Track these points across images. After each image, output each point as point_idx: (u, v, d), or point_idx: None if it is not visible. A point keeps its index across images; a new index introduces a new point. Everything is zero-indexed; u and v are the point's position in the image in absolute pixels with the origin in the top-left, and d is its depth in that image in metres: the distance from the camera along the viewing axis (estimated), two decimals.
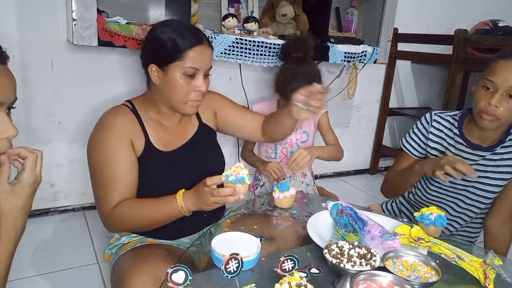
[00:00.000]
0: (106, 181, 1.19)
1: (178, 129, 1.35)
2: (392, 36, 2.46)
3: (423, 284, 0.87)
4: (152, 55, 1.24)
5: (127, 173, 1.21)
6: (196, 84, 1.23)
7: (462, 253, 1.03)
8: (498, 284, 0.95)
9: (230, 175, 1.06)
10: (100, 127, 1.25)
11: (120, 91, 2.07)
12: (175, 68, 1.20)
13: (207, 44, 1.24)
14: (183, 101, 1.24)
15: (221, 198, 1.07)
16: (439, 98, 3.19)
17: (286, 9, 2.18)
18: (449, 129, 1.44)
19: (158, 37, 1.21)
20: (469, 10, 3.09)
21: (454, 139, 1.42)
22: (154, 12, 2.02)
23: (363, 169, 3.12)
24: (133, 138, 1.24)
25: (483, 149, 1.38)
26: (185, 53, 1.19)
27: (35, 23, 1.83)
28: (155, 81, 1.24)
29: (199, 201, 1.12)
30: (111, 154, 1.20)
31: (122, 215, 1.18)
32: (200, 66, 1.22)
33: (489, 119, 1.26)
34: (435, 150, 1.45)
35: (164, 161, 1.27)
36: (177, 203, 1.14)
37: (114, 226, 1.24)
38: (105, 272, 1.68)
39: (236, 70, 2.33)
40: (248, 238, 1.02)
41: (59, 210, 2.14)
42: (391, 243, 1.01)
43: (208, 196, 1.07)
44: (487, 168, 1.38)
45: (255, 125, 1.49)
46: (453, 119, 1.44)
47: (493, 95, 1.24)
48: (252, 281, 0.87)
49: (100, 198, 1.21)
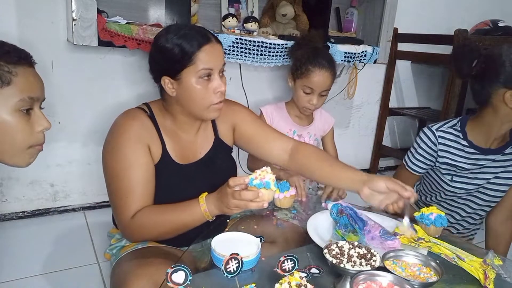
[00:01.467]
0: (124, 189, 1.13)
1: (193, 144, 1.28)
2: (392, 36, 2.46)
3: (423, 284, 0.87)
4: (161, 67, 1.17)
5: (146, 180, 1.15)
6: (214, 86, 1.15)
7: (462, 253, 1.03)
8: (498, 284, 0.95)
9: (255, 179, 0.99)
10: (116, 132, 1.17)
11: (120, 91, 2.07)
12: (188, 75, 1.13)
13: (215, 41, 1.17)
14: (205, 106, 1.17)
15: (242, 202, 1.00)
16: (439, 98, 3.19)
17: (286, 9, 2.18)
18: (456, 141, 1.43)
19: (163, 46, 1.14)
20: (469, 10, 3.09)
21: (464, 151, 1.41)
22: (154, 12, 2.02)
23: (363, 169, 3.11)
24: (150, 144, 1.18)
25: (494, 152, 1.39)
26: (195, 56, 1.12)
27: (35, 23, 1.83)
28: (171, 93, 1.17)
29: (220, 203, 1.06)
30: (128, 160, 1.13)
31: (142, 223, 1.12)
32: (214, 65, 1.15)
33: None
34: (445, 165, 1.45)
35: (178, 173, 1.22)
36: (199, 206, 1.08)
37: (133, 236, 1.17)
38: (105, 272, 1.68)
39: (236, 70, 2.33)
40: (248, 238, 1.02)
41: (59, 210, 2.13)
42: (391, 243, 1.01)
43: (230, 198, 1.01)
44: (497, 170, 1.40)
45: (281, 147, 1.31)
46: (456, 130, 1.43)
47: None
48: (252, 281, 0.87)
49: (118, 207, 1.14)
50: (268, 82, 2.53)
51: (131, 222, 1.12)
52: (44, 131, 0.95)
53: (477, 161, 1.41)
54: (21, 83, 0.89)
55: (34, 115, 0.93)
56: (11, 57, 0.88)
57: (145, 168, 1.15)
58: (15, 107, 0.89)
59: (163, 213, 1.13)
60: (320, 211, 1.21)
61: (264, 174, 1.00)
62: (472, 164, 1.41)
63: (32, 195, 2.05)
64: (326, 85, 1.69)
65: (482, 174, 1.41)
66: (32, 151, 0.94)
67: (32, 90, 0.91)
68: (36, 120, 0.93)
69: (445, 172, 1.44)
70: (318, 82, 1.67)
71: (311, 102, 1.70)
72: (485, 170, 1.41)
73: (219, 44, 1.18)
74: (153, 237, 1.17)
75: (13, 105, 0.88)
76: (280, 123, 1.81)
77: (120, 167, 1.14)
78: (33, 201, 2.06)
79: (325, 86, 1.70)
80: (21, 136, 0.91)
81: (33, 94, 0.92)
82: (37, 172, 2.02)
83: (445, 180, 1.45)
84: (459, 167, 1.42)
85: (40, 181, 2.06)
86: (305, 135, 1.83)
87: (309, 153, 1.28)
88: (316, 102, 1.70)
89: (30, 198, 2.05)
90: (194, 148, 1.28)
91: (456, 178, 1.44)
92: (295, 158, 1.29)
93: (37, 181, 2.06)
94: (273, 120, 1.81)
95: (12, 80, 0.87)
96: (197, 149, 1.29)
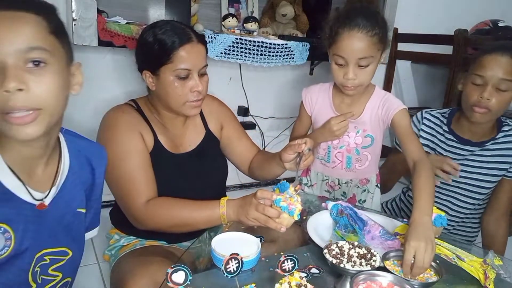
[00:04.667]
0: (127, 176, 1.13)
1: (182, 136, 1.30)
2: (392, 36, 2.46)
3: (423, 284, 0.87)
4: (143, 61, 1.19)
5: (146, 164, 1.16)
6: (191, 85, 1.16)
7: (462, 253, 1.03)
8: (498, 284, 0.95)
9: (283, 201, 0.98)
10: (106, 125, 1.19)
11: (120, 91, 2.07)
12: (166, 72, 1.14)
13: (197, 41, 1.16)
14: (180, 103, 1.18)
15: (263, 217, 0.99)
16: (439, 98, 3.18)
17: (286, 9, 2.19)
18: (439, 125, 1.47)
19: (146, 40, 1.16)
20: (469, 10, 3.09)
21: (444, 136, 1.46)
22: (154, 12, 2.02)
23: None
24: (142, 133, 1.19)
25: (473, 144, 1.41)
26: (173, 54, 1.12)
27: None
28: (151, 87, 1.20)
29: (241, 210, 1.05)
30: (125, 148, 1.14)
31: (157, 213, 1.12)
32: (192, 66, 1.15)
33: (481, 111, 1.31)
34: (425, 147, 1.46)
35: (171, 162, 1.24)
36: (219, 208, 1.08)
37: (146, 222, 1.14)
38: (105, 272, 1.68)
39: (236, 70, 2.33)
40: (248, 238, 1.02)
41: None
42: (391, 243, 1.02)
43: (252, 209, 1.01)
44: (477, 164, 1.41)
45: (247, 156, 1.39)
46: (443, 116, 1.48)
47: (484, 89, 1.29)
48: (252, 281, 0.87)
49: (127, 195, 1.14)
50: (268, 82, 2.53)
51: (146, 207, 1.12)
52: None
53: (455, 150, 1.43)
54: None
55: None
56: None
57: (142, 153, 1.16)
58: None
59: (181, 207, 1.13)
60: (320, 211, 1.21)
61: (292, 201, 0.99)
62: (450, 152, 1.43)
63: None
64: (362, 50, 1.18)
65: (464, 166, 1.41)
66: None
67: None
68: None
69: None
70: (349, 46, 1.19)
71: (346, 77, 1.22)
72: (465, 162, 1.41)
73: (201, 44, 1.18)
74: (165, 228, 1.16)
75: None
76: (320, 114, 1.39)
77: (118, 156, 1.14)
78: None
79: (362, 52, 1.19)
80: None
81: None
82: None
83: None
84: (437, 151, 1.46)
85: None
86: (351, 129, 1.35)
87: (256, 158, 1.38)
88: (353, 75, 1.21)
89: None
90: (184, 140, 1.30)
91: None
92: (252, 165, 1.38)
93: None
94: (313, 110, 1.40)
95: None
96: (187, 141, 1.31)
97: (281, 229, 0.99)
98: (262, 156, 1.38)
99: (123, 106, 1.25)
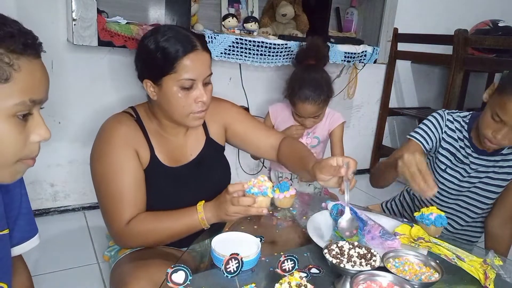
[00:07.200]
0: (114, 195, 1.10)
1: (184, 145, 1.25)
2: (392, 36, 2.46)
3: (423, 284, 0.87)
4: (144, 70, 1.13)
5: (136, 185, 1.12)
6: (196, 96, 1.10)
7: (462, 253, 1.03)
8: (498, 284, 0.95)
9: (253, 186, 1.02)
10: (102, 138, 1.15)
11: (120, 91, 2.07)
12: (169, 82, 1.08)
13: (202, 49, 1.10)
14: (184, 114, 1.13)
15: (242, 208, 1.01)
16: (439, 98, 3.19)
17: (286, 9, 2.19)
18: (460, 131, 1.43)
19: (147, 48, 1.09)
20: (469, 10, 3.09)
21: (464, 142, 1.42)
22: (154, 12, 2.02)
23: (363, 169, 3.12)
24: (138, 149, 1.15)
25: (488, 155, 1.38)
26: (177, 63, 1.06)
27: (35, 23, 1.81)
28: (152, 96, 1.13)
29: (219, 211, 1.05)
30: (117, 166, 1.10)
31: (138, 230, 1.10)
32: (197, 75, 1.09)
33: (492, 146, 1.30)
34: (446, 151, 1.44)
35: (169, 176, 1.20)
36: (197, 214, 1.07)
37: (127, 243, 1.15)
38: (105, 272, 1.68)
39: (236, 70, 2.33)
40: (248, 238, 1.01)
41: (59, 210, 2.14)
42: (391, 243, 1.01)
43: (229, 204, 1.01)
44: (488, 169, 1.39)
45: (270, 144, 1.34)
46: (464, 121, 1.42)
47: (501, 129, 1.23)
48: (252, 281, 0.87)
49: (110, 214, 1.12)
50: (268, 82, 2.53)
51: (126, 229, 1.10)
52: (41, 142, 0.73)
53: (469, 157, 1.40)
54: (24, 81, 0.66)
55: (33, 121, 0.70)
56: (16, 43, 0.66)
57: (134, 173, 1.12)
58: (11, 112, 0.66)
59: (159, 220, 1.11)
60: (320, 211, 1.21)
61: (261, 183, 1.03)
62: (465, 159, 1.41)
63: (32, 195, 2.05)
64: (313, 113, 1.72)
65: (475, 172, 1.41)
66: (20, 166, 0.72)
67: (35, 91, 0.68)
68: (34, 129, 0.70)
69: (443, 160, 1.44)
70: (305, 112, 1.72)
71: (303, 123, 1.77)
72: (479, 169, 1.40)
73: (206, 52, 1.12)
74: (148, 244, 1.16)
75: (8, 109, 0.65)
76: (281, 123, 1.86)
77: (109, 173, 1.11)
78: (33, 201, 2.05)
79: (313, 114, 1.73)
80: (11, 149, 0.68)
81: (36, 95, 0.69)
82: (37, 172, 2.02)
83: (440, 167, 1.44)
84: (457, 157, 1.42)
85: (40, 181, 2.07)
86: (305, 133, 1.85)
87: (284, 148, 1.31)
88: (309, 123, 1.76)
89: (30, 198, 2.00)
90: (184, 151, 1.26)
91: (449, 171, 1.43)
92: (281, 154, 1.32)
93: (37, 181, 2.06)
94: (275, 120, 1.88)
95: (12, 76, 0.64)
96: (187, 151, 1.26)
97: (263, 211, 1.02)
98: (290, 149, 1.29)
99: (121, 116, 1.19)
